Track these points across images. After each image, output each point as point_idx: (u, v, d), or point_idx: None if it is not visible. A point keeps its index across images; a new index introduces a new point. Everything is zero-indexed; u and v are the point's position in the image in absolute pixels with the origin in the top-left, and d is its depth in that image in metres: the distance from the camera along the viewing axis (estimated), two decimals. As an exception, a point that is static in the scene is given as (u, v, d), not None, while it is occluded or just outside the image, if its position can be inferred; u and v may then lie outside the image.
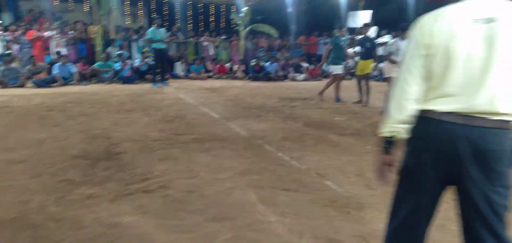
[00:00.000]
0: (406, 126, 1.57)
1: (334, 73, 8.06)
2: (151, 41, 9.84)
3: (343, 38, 7.79)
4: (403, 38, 6.35)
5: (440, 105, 1.50)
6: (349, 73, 11.08)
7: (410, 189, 1.62)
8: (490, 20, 1.42)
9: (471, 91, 1.45)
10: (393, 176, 1.68)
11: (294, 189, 3.43)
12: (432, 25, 1.50)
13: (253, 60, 12.17)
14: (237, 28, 13.05)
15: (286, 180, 3.63)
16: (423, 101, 1.55)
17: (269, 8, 17.79)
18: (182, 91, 9.18)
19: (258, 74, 11.76)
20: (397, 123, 1.58)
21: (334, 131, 5.52)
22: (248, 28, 12.62)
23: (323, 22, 16.47)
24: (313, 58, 13.14)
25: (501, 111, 1.43)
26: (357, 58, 8.19)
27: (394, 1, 16.18)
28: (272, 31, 12.89)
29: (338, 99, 7.96)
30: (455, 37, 1.45)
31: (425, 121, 1.54)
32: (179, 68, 11.89)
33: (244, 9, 12.45)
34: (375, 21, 13.72)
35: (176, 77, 11.55)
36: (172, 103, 7.56)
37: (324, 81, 11.46)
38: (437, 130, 1.51)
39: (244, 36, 12.50)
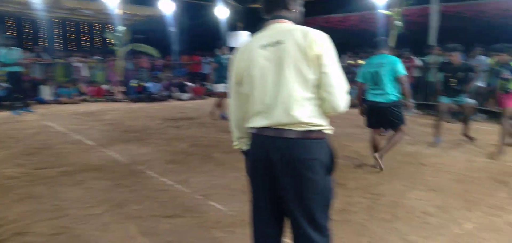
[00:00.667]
0: (244, 140, 1.88)
1: (217, 91, 8.06)
2: (3, 64, 8.51)
3: (225, 57, 7.87)
4: None
5: (257, 122, 1.71)
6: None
7: (251, 194, 1.84)
8: (277, 43, 1.66)
9: (273, 107, 1.66)
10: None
11: (178, 215, 3.25)
12: (237, 57, 1.79)
13: (134, 81, 11.54)
14: (113, 48, 12.23)
15: (170, 206, 3.42)
16: (249, 118, 1.78)
17: (150, 27, 17.24)
18: (50, 118, 8.11)
19: (140, 95, 11.19)
20: (236, 139, 1.92)
21: (220, 149, 5.48)
22: (126, 48, 11.93)
23: (205, 41, 16.61)
24: (197, 77, 13.09)
25: (299, 120, 1.61)
26: None
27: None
28: (153, 51, 12.44)
29: (222, 116, 7.94)
30: (252, 62, 1.70)
31: (252, 136, 1.79)
32: (45, 91, 10.56)
33: (121, 28, 11.77)
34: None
35: (42, 102, 10.20)
36: (36, 132, 6.60)
37: (210, 100, 11.52)
38: (257, 144, 1.75)
39: (122, 56, 11.77)
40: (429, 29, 10.70)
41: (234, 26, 15.74)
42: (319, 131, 1.66)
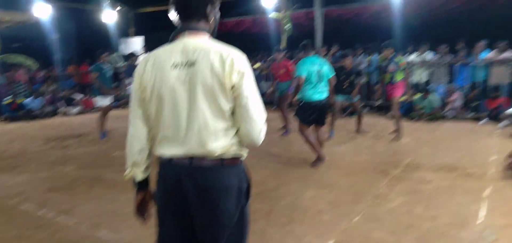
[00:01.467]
0: (140, 167, 1.62)
1: (99, 105, 7.12)
2: None
3: (106, 66, 7.14)
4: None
5: (165, 149, 1.53)
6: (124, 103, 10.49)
7: (159, 227, 1.64)
8: (191, 64, 1.47)
9: (185, 136, 1.49)
10: (151, 214, 1.70)
11: (59, 253, 2.87)
12: (143, 69, 1.54)
13: (8, 97, 10.09)
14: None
15: (49, 244, 3.01)
16: (155, 144, 1.59)
17: (27, 35, 15.35)
18: None
19: (16, 113, 9.82)
20: (132, 164, 1.62)
21: (112, 168, 5.05)
22: (-3, 59, 10.41)
23: (94, 49, 15.40)
24: (87, 89, 12.01)
25: (214, 152, 1.48)
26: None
27: (167, 27, 16.74)
28: (30, 62, 11.05)
29: (103, 135, 6.92)
30: (162, 81, 1.49)
31: (160, 164, 1.58)
32: None
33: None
34: (148, 47, 13.79)
35: None
36: None
37: (100, 112, 10.67)
38: (166, 173, 1.56)
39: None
40: (315, 32, 11.46)
41: (125, 31, 14.90)
42: (234, 158, 1.56)
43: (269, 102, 10.91)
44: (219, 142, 1.49)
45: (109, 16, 13.94)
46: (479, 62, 8.12)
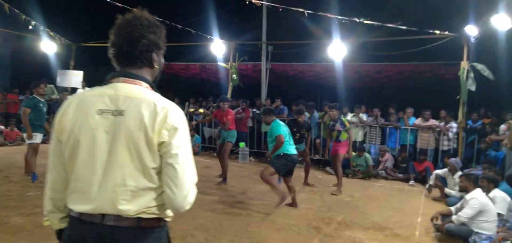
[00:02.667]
0: (59, 215, 1.46)
1: (29, 142, 6.36)
2: None
3: (42, 99, 6.57)
4: None
5: (75, 202, 1.36)
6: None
7: None
8: (118, 113, 1.32)
9: (96, 189, 1.31)
10: None
11: None
12: (65, 110, 1.39)
13: None
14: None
15: None
16: (68, 195, 1.40)
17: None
18: None
19: None
20: (49, 212, 1.47)
21: (21, 210, 4.50)
22: None
23: (28, 78, 14.41)
24: (13, 119, 11.03)
25: (128, 213, 1.30)
26: None
27: (107, 63, 16.21)
28: None
29: (34, 177, 6.08)
30: (83, 126, 1.33)
31: (69, 218, 1.41)
32: None
33: None
34: (88, 82, 13.17)
35: None
36: None
37: (25, 146, 9.78)
38: (73, 231, 1.37)
39: None
40: (261, 84, 11.68)
41: (65, 63, 14.15)
42: (157, 219, 1.36)
43: (212, 148, 10.78)
44: (137, 203, 1.31)
45: (49, 47, 13.21)
46: (408, 126, 8.67)
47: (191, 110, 11.55)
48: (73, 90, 11.67)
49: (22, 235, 3.73)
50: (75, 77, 13.17)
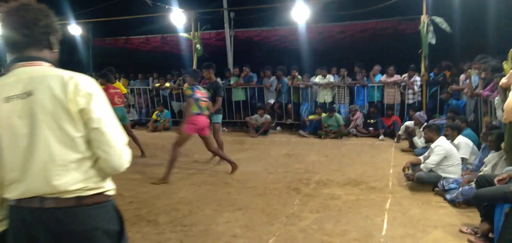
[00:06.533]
0: None
1: None
2: None
3: None
4: None
5: (11, 191, 1.35)
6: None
7: None
8: (27, 94, 1.33)
9: (28, 173, 1.32)
10: None
11: None
12: None
13: None
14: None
15: None
16: (5, 190, 1.38)
17: None
18: None
19: None
20: None
21: None
22: None
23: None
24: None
25: (65, 189, 1.32)
26: None
27: (63, 43, 15.42)
28: None
29: None
30: None
31: (9, 210, 1.39)
32: None
33: None
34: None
35: None
36: None
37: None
38: (14, 219, 1.37)
39: None
40: (227, 53, 11.55)
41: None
42: (98, 194, 1.38)
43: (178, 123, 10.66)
44: (71, 176, 1.33)
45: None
46: (374, 84, 8.94)
47: (157, 85, 11.31)
48: None
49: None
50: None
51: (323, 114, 8.70)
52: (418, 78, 8.42)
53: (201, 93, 5.32)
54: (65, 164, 1.32)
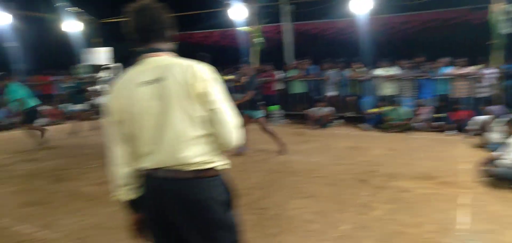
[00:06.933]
0: (127, 188, 1.65)
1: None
2: None
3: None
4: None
5: (144, 163, 1.58)
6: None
7: (154, 239, 1.68)
8: (158, 80, 1.55)
9: (159, 149, 1.54)
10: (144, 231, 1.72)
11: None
12: (115, 94, 1.63)
13: (-35, 109, 9.49)
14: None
15: (35, 260, 2.86)
16: (136, 160, 1.62)
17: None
18: None
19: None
20: (117, 187, 1.66)
21: (89, 181, 4.88)
22: None
23: (57, 59, 14.83)
24: (51, 99, 11.50)
25: (188, 161, 1.54)
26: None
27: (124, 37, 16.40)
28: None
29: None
30: (132, 101, 1.57)
31: (143, 179, 1.62)
32: None
33: None
34: (116, 58, 13.45)
35: None
36: None
37: (69, 123, 10.26)
38: (148, 187, 1.60)
39: None
40: (285, 46, 11.66)
41: (89, 41, 14.45)
42: (212, 168, 1.59)
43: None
44: (192, 151, 1.54)
45: (72, 26, 13.46)
46: (441, 76, 8.60)
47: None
48: (103, 68, 11.90)
49: (96, 203, 4.09)
50: (104, 54, 13.43)
51: (386, 108, 8.54)
52: (490, 70, 7.97)
53: None
54: (188, 140, 1.53)
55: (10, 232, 3.39)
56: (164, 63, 1.58)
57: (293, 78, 10.39)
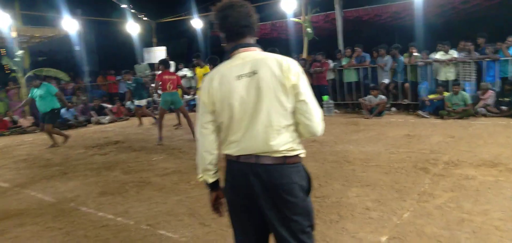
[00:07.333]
0: (213, 172, 1.81)
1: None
2: None
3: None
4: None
5: (233, 148, 1.71)
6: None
7: (235, 221, 1.82)
8: (253, 73, 1.67)
9: (250, 134, 1.67)
10: (225, 209, 1.87)
11: (126, 250, 3.04)
12: (210, 86, 1.74)
13: (43, 109, 10.46)
14: (14, 74, 11.01)
15: (115, 242, 3.18)
16: (224, 145, 1.77)
17: (51, 48, 15.86)
18: None
19: (52, 123, 10.19)
20: (204, 171, 1.81)
21: (154, 172, 5.25)
22: (29, 73, 10.76)
23: (119, 60, 15.85)
24: (116, 98, 12.36)
25: (277, 149, 1.65)
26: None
27: (185, 36, 17.08)
28: (61, 74, 11.39)
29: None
30: (231, 92, 1.68)
31: (228, 164, 1.76)
32: None
33: (20, 52, 10.56)
34: (170, 56, 14.09)
35: None
36: None
37: (132, 120, 10.97)
38: (235, 172, 1.74)
39: (24, 83, 10.59)
40: (337, 34, 11.50)
41: (148, 42, 15.25)
42: (295, 156, 1.71)
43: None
44: (282, 139, 1.67)
45: (133, 27, 14.28)
46: (507, 57, 8.04)
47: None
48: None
49: (165, 192, 4.41)
50: (159, 53, 14.13)
51: (446, 93, 8.18)
52: None
53: None
54: (279, 129, 1.66)
55: (95, 217, 3.78)
56: (258, 57, 1.70)
57: (346, 67, 10.24)
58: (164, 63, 7.68)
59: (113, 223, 3.59)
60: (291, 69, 1.67)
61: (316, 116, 1.70)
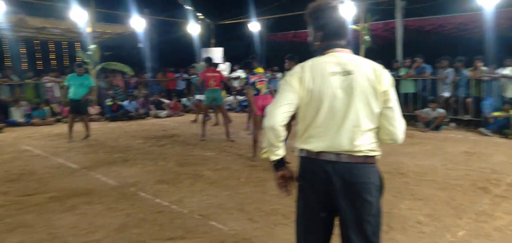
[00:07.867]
0: (278, 150, 1.80)
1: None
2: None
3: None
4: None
5: (314, 144, 1.75)
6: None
7: (306, 220, 1.84)
8: (347, 73, 1.72)
9: (335, 132, 1.71)
10: (291, 187, 1.90)
11: (180, 236, 3.25)
12: (302, 75, 1.75)
13: (109, 100, 11.27)
14: (86, 66, 11.94)
15: (170, 228, 3.40)
16: (301, 139, 1.80)
17: (117, 44, 16.94)
18: (26, 141, 7.79)
19: (115, 114, 10.93)
20: (269, 146, 1.80)
21: (208, 167, 5.48)
22: (99, 67, 11.64)
23: (178, 58, 16.60)
24: (173, 94, 12.97)
25: (360, 149, 1.70)
26: None
27: (242, 38, 17.46)
28: (127, 69, 12.19)
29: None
30: (324, 86, 1.71)
31: (305, 161, 1.79)
32: (16, 113, 10.09)
33: (92, 46, 11.47)
34: (227, 57, 14.50)
35: (14, 124, 9.73)
36: (14, 157, 6.32)
37: (188, 116, 11.45)
38: (315, 166, 1.76)
39: (95, 75, 11.47)
40: (396, 43, 11.16)
41: (206, 42, 15.79)
42: (374, 156, 1.76)
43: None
44: (365, 139, 1.71)
45: (193, 28, 14.88)
46: None
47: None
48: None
49: (217, 186, 4.60)
50: (216, 53, 14.57)
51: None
52: None
53: (256, 77, 6.00)
54: (365, 131, 1.71)
55: (152, 202, 4.05)
56: (351, 59, 1.75)
57: (404, 77, 9.92)
58: (207, 60, 7.94)
59: (169, 210, 3.82)
60: (384, 76, 1.73)
61: (400, 124, 1.76)
